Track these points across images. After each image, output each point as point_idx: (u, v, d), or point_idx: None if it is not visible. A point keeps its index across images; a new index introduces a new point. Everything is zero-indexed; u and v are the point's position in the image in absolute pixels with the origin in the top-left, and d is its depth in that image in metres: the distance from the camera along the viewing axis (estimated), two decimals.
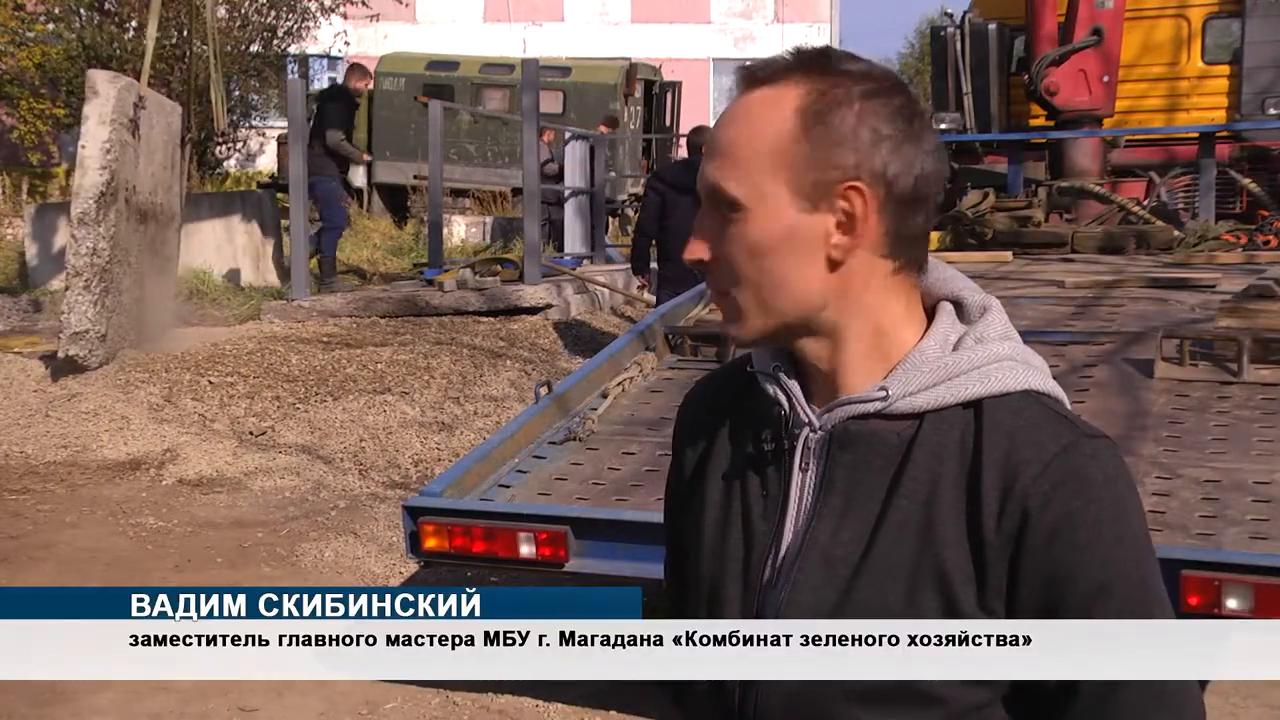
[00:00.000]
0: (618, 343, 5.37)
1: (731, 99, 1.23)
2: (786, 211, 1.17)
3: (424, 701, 4.25)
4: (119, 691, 4.32)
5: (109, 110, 7.81)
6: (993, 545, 1.13)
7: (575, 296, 10.48)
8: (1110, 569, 1.12)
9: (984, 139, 11.47)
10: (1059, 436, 1.15)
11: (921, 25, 43.47)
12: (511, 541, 3.91)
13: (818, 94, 1.16)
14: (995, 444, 1.15)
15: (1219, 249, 8.58)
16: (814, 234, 1.17)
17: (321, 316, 9.78)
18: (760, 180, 1.16)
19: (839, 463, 1.20)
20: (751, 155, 1.17)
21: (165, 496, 6.52)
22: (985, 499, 1.13)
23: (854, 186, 1.16)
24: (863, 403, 1.19)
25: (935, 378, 1.18)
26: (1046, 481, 1.12)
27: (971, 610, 1.13)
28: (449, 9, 31.04)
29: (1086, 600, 1.12)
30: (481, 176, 20.21)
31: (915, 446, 1.17)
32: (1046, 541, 1.12)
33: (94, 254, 7.73)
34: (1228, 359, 4.60)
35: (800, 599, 1.18)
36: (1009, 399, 1.18)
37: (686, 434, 1.36)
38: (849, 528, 1.18)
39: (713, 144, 1.20)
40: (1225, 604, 3.19)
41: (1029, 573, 1.12)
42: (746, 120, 1.17)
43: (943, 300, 1.25)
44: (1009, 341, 1.22)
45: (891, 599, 1.15)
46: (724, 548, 1.25)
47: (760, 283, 1.18)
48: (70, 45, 19.94)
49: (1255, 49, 11.87)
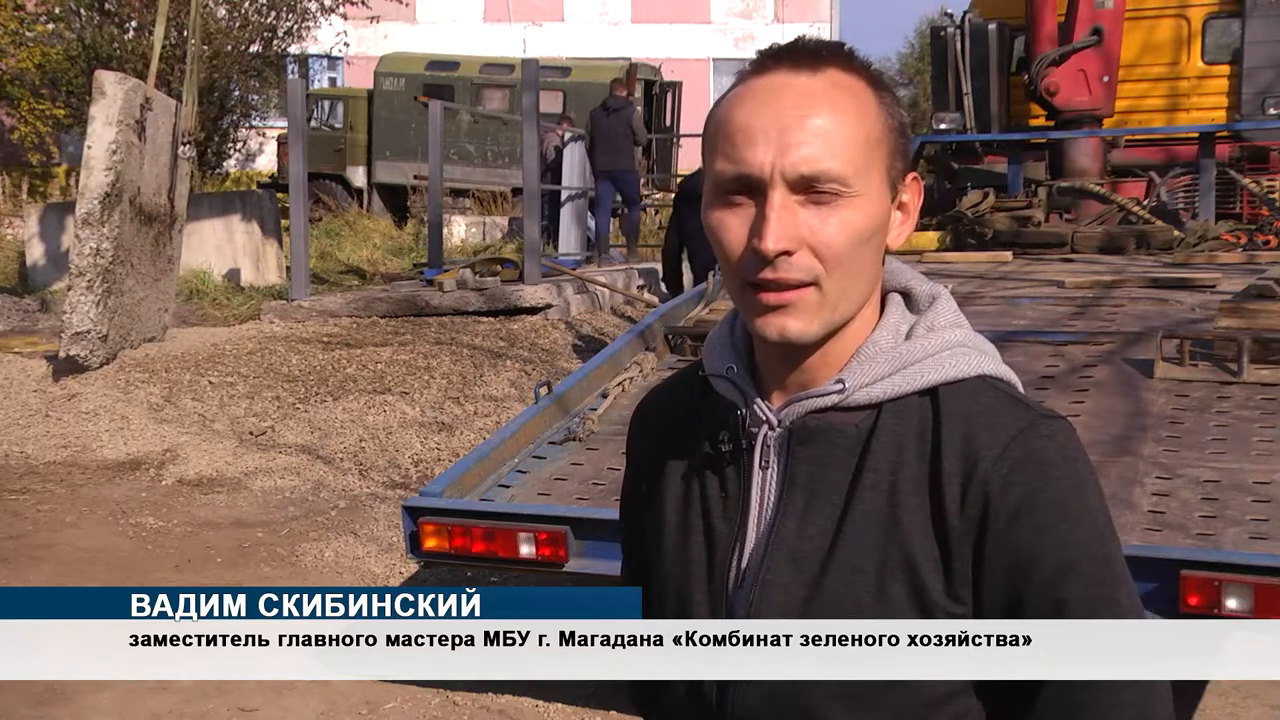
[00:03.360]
0: (618, 343, 5.37)
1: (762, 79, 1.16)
2: (884, 198, 1.17)
3: (424, 701, 4.25)
4: (119, 691, 4.32)
5: (116, 111, 7.82)
6: (956, 531, 1.13)
7: (575, 296, 10.48)
8: (1073, 548, 1.13)
9: (984, 139, 11.48)
10: (1016, 419, 1.16)
11: (921, 25, 43.45)
12: (511, 541, 3.90)
13: (877, 83, 1.17)
14: (954, 430, 1.16)
15: (1219, 249, 8.59)
16: (889, 223, 1.19)
17: (321, 316, 9.78)
18: (862, 166, 1.14)
19: (799, 458, 1.20)
20: (851, 141, 1.14)
21: (165, 496, 6.52)
22: (947, 486, 1.14)
23: (916, 177, 1.19)
24: (820, 396, 1.20)
25: (890, 367, 1.19)
26: (1005, 464, 1.13)
27: (940, 599, 1.13)
28: (449, 9, 31.03)
29: (1052, 580, 1.12)
30: (481, 176, 20.21)
31: (874, 437, 1.18)
32: (1009, 524, 1.12)
33: (97, 254, 7.74)
34: (1228, 359, 4.60)
35: (769, 597, 1.18)
36: (964, 385, 1.19)
37: (641, 442, 1.36)
38: (813, 523, 1.18)
39: (802, 126, 1.13)
40: (1225, 604, 3.19)
41: (993, 556, 1.13)
42: (841, 105, 1.14)
43: (891, 292, 1.26)
44: (960, 329, 1.23)
45: (861, 592, 1.15)
46: (686, 552, 1.25)
47: (855, 270, 1.16)
48: (70, 45, 19.94)
49: (1255, 49, 11.88)
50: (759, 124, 1.14)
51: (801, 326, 1.16)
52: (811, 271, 1.14)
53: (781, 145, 1.13)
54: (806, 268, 1.14)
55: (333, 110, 21.53)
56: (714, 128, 1.19)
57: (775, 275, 1.14)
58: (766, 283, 1.14)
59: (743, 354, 1.26)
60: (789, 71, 1.15)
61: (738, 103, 1.17)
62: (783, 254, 1.13)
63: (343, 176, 21.27)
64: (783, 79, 1.15)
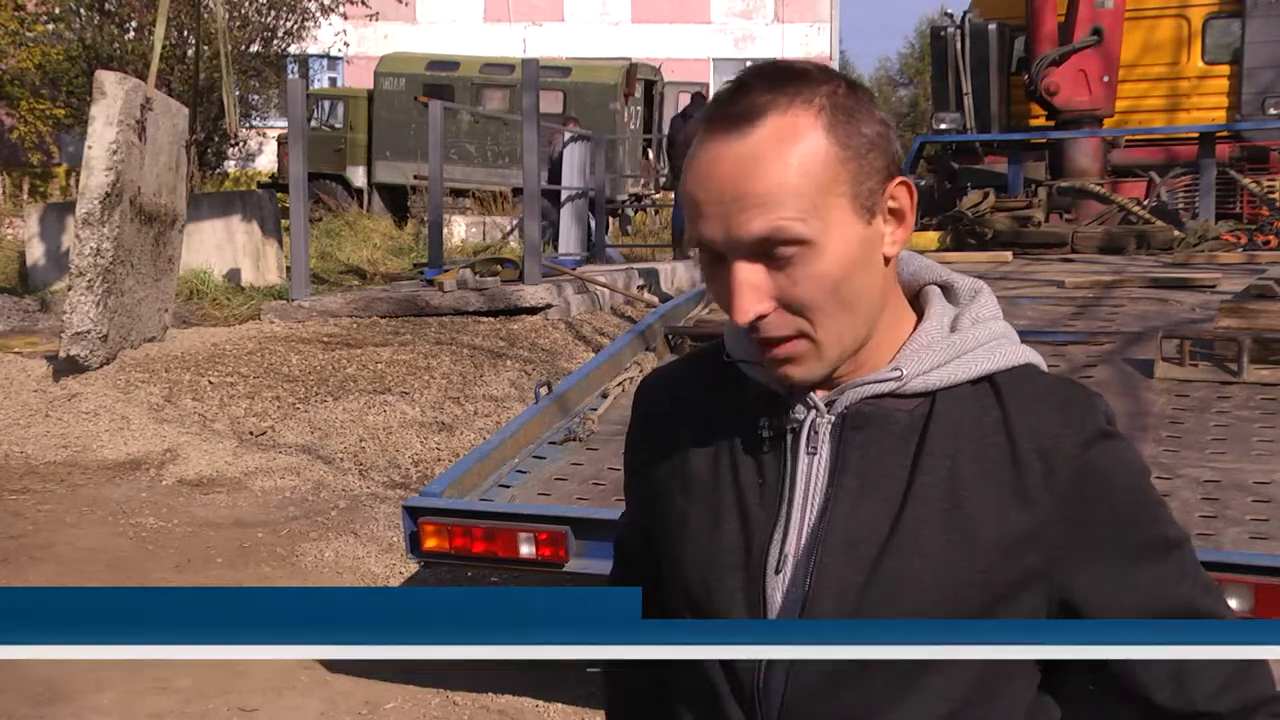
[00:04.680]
0: (618, 343, 5.37)
1: (703, 149, 1.16)
2: (854, 229, 1.16)
3: (424, 701, 4.25)
4: (119, 691, 4.32)
5: (116, 111, 7.82)
6: (1044, 504, 1.17)
7: (575, 296, 10.48)
8: (1148, 508, 1.21)
9: (984, 139, 11.48)
10: (1079, 399, 1.22)
11: (921, 25, 43.48)
12: (511, 541, 3.90)
13: (828, 110, 1.15)
14: (1023, 412, 1.20)
15: (1219, 249, 8.59)
16: (876, 240, 1.19)
17: (321, 316, 9.78)
18: (822, 210, 1.14)
19: (852, 444, 1.21)
20: (795, 194, 1.13)
21: (165, 496, 6.52)
22: (1028, 463, 1.18)
23: (902, 182, 1.20)
24: (878, 383, 1.21)
25: (945, 356, 1.22)
26: (1082, 440, 1.18)
27: (1005, 576, 1.17)
28: (449, 9, 31.04)
29: (1155, 545, 1.20)
30: (481, 176, 20.22)
31: (932, 423, 1.20)
32: (1102, 492, 1.18)
33: (97, 254, 7.75)
34: (1228, 359, 4.60)
35: (826, 583, 1.18)
36: (1017, 371, 1.23)
37: (653, 427, 1.35)
38: (869, 509, 1.19)
39: (740, 196, 1.13)
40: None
41: (1095, 520, 1.18)
42: (776, 160, 1.13)
43: (929, 285, 1.29)
44: (1001, 321, 1.27)
45: (922, 575, 1.16)
46: (717, 539, 1.24)
47: (841, 309, 1.16)
48: (70, 45, 19.97)
49: (1255, 49, 11.88)
50: (704, 197, 1.16)
51: (803, 373, 1.19)
52: (794, 326, 1.16)
53: (725, 218, 1.14)
54: (788, 324, 1.16)
55: (333, 110, 21.54)
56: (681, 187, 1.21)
57: (761, 336, 1.17)
58: (759, 341, 1.18)
59: None
60: (723, 137, 1.15)
61: (688, 173, 1.18)
62: (759, 318, 1.15)
63: (343, 176, 21.29)
64: (717, 147, 1.15)
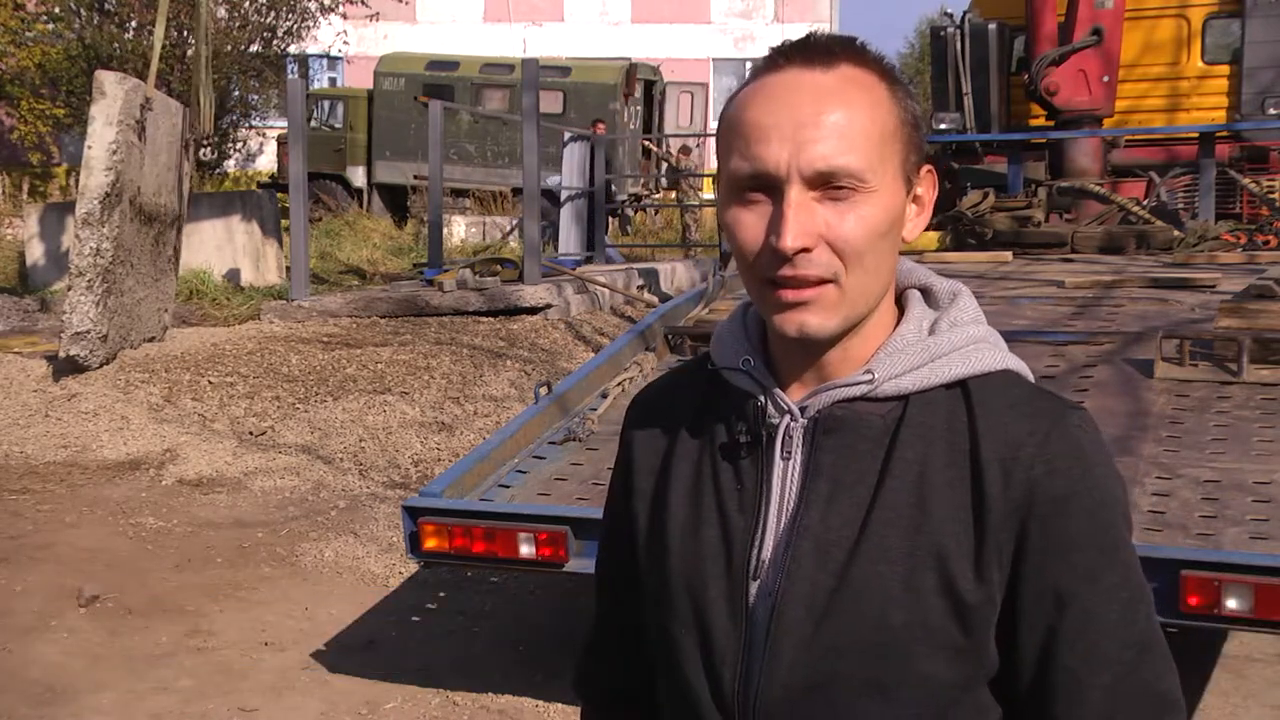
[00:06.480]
0: (618, 343, 5.37)
1: (776, 76, 1.16)
2: (899, 192, 1.18)
3: (424, 701, 4.25)
4: (119, 691, 4.32)
5: (116, 111, 7.82)
6: (997, 512, 1.15)
7: (575, 296, 10.48)
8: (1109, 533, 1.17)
9: (984, 139, 11.48)
10: (1050, 410, 1.19)
11: (921, 25, 43.49)
12: (511, 542, 3.90)
13: (890, 77, 1.18)
14: (990, 419, 1.18)
15: (1219, 249, 8.59)
16: (905, 216, 1.20)
17: (321, 316, 9.78)
18: (877, 160, 1.15)
19: (824, 448, 1.20)
20: (865, 136, 1.14)
21: (165, 496, 6.52)
22: (987, 470, 1.16)
23: (930, 170, 1.20)
24: (849, 386, 1.20)
25: (919, 360, 1.21)
26: (1048, 451, 1.16)
27: (968, 584, 1.15)
28: (449, 9, 31.05)
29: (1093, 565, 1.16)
30: (481, 176, 20.23)
31: (903, 427, 1.19)
32: (1056, 508, 1.15)
33: (97, 254, 7.75)
34: (1228, 359, 4.60)
35: (795, 587, 1.18)
36: (992, 378, 1.21)
37: (643, 435, 1.35)
38: (839, 513, 1.19)
39: (819, 124, 1.13)
40: (1225, 604, 3.19)
41: (1036, 536, 1.16)
42: (857, 100, 1.14)
43: (909, 289, 1.28)
44: (981, 325, 1.25)
45: (889, 581, 1.15)
46: (698, 547, 1.24)
47: (873, 265, 1.16)
48: (70, 45, 19.97)
49: (1255, 49, 11.89)
50: (773, 121, 1.14)
51: (820, 322, 1.16)
52: (830, 267, 1.14)
53: (797, 142, 1.13)
54: (825, 264, 1.14)
55: (333, 110, 21.55)
56: (728, 126, 1.18)
57: (794, 272, 1.14)
58: (786, 279, 1.15)
59: (757, 347, 1.26)
60: (802, 68, 1.15)
61: (751, 100, 1.16)
62: (801, 251, 1.13)
63: (343, 176, 21.30)
64: (796, 75, 1.15)
